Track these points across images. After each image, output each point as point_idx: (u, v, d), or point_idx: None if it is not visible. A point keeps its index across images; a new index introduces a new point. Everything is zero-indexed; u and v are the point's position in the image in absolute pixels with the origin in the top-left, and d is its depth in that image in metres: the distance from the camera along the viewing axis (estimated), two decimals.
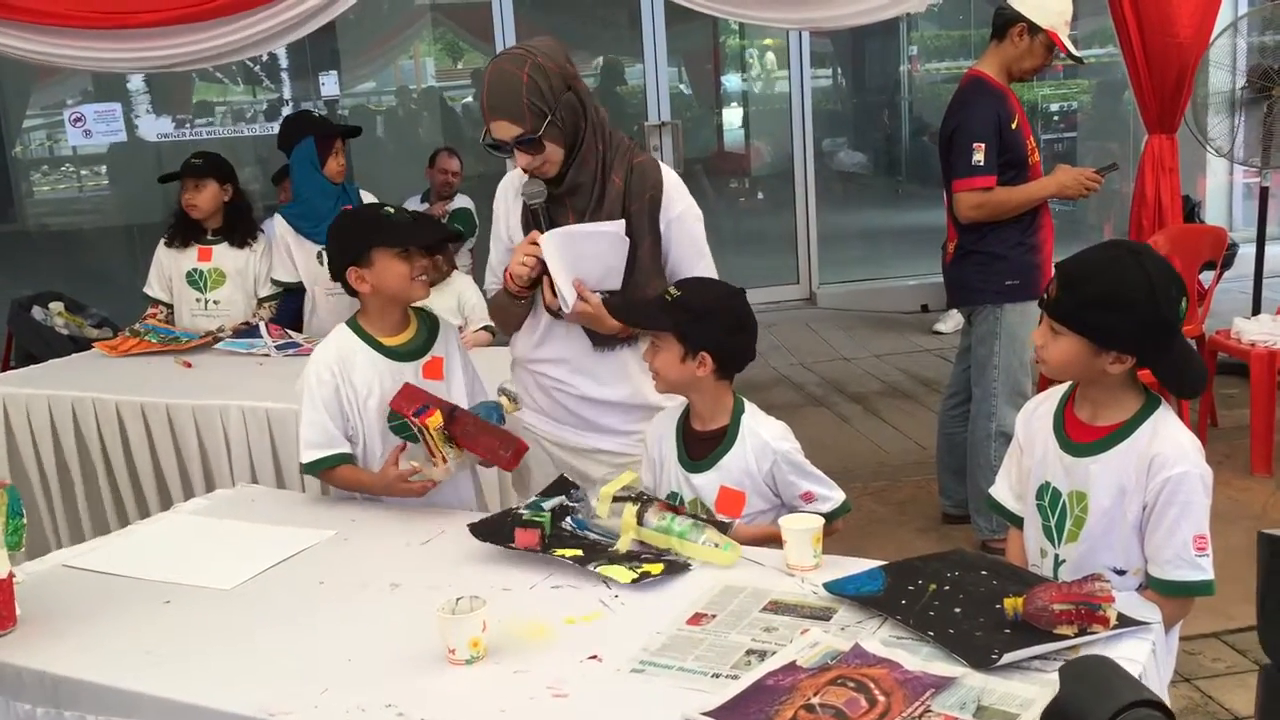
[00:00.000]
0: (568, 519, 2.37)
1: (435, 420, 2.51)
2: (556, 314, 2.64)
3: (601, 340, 2.68)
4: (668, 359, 2.44)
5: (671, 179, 2.69)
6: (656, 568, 2.18)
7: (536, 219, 2.64)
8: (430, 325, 2.81)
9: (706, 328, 2.40)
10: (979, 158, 3.97)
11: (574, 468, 2.74)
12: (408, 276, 2.67)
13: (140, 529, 2.70)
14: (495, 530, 2.34)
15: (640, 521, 2.27)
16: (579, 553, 2.25)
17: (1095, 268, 2.04)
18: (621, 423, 2.71)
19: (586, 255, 2.59)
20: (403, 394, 2.60)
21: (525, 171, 2.63)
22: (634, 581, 2.14)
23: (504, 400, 2.70)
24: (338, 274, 2.72)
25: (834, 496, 2.47)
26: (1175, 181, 5.74)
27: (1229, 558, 2.19)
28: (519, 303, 2.70)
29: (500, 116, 2.53)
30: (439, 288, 4.23)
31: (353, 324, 2.75)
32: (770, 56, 9.24)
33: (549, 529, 2.32)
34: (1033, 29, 4.00)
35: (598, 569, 2.18)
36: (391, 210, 2.75)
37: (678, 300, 2.43)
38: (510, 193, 2.75)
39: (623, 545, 2.26)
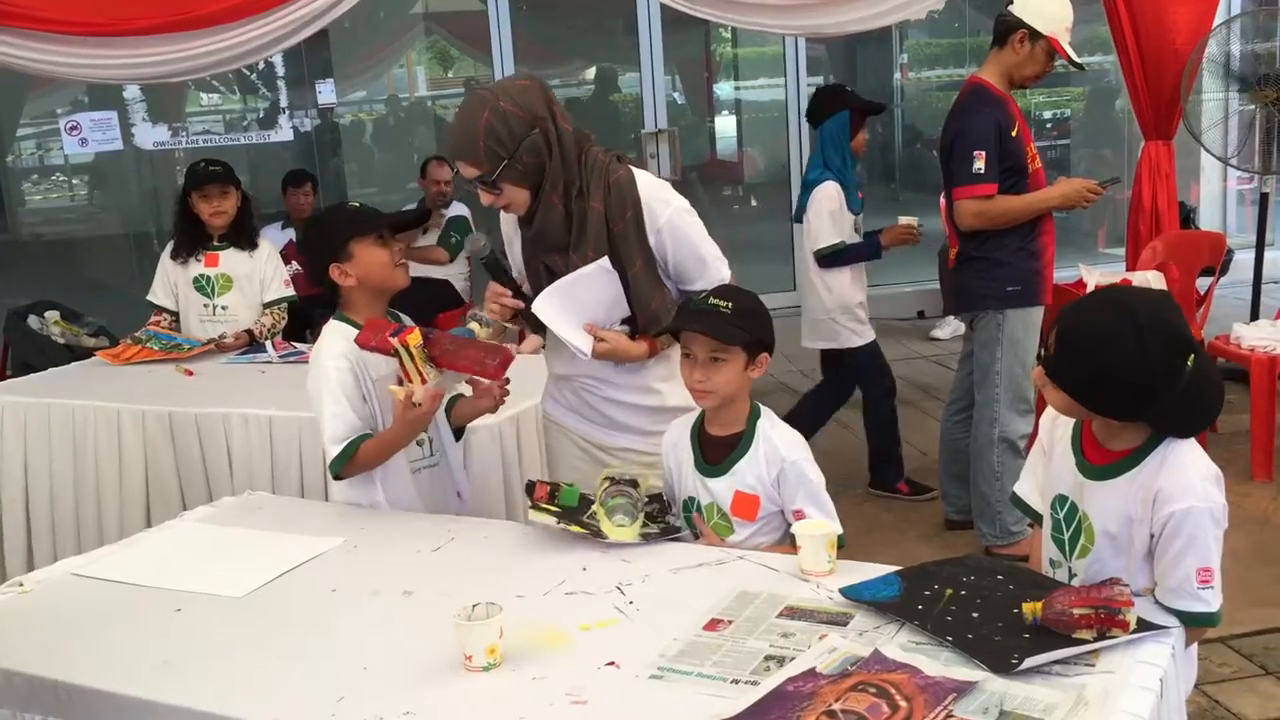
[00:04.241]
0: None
1: (415, 338, 2.52)
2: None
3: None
4: (732, 372, 2.39)
5: (648, 189, 2.65)
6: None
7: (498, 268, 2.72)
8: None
9: (765, 329, 2.42)
10: (980, 166, 3.98)
11: (605, 464, 2.74)
12: (389, 263, 2.72)
13: (148, 537, 2.69)
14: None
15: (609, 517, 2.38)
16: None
17: (1094, 340, 1.96)
18: (648, 424, 2.72)
19: (585, 300, 2.61)
20: (367, 328, 2.61)
21: (491, 207, 2.68)
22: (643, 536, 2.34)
23: (475, 326, 2.67)
24: (319, 277, 2.75)
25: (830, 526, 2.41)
26: (1172, 188, 5.78)
27: (1233, 563, 2.19)
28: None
29: (459, 158, 2.60)
30: None
31: (341, 318, 2.76)
32: (765, 64, 9.26)
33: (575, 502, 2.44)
34: (1033, 35, 4.01)
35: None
36: (359, 204, 2.84)
37: (737, 310, 2.37)
38: (513, 220, 2.77)
39: (616, 535, 2.35)
